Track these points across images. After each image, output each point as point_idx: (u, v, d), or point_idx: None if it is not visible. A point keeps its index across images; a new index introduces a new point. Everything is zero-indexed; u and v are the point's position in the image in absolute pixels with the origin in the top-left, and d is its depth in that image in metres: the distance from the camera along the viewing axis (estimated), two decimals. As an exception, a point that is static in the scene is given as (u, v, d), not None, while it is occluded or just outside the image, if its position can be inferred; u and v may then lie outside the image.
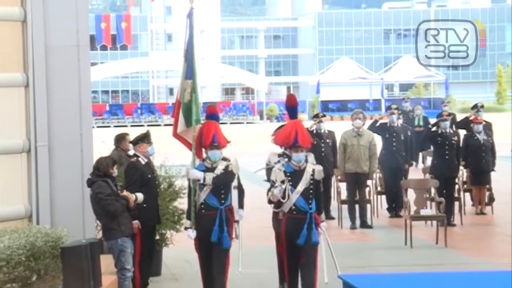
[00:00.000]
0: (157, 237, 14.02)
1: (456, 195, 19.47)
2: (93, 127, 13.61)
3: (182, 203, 14.65)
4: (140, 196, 12.20)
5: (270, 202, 12.09)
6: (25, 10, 12.37)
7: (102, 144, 14.78)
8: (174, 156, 15.80)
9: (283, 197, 11.49)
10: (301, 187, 11.48)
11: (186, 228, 12.09)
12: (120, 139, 14.07)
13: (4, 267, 10.77)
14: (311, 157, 12.85)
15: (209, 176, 11.65)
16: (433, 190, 17.89)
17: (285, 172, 11.60)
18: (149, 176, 13.04)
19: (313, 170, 11.63)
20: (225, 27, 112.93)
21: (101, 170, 12.08)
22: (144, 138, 13.24)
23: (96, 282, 11.02)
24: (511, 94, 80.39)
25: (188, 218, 11.99)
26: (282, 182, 11.48)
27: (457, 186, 19.68)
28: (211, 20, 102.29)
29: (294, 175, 11.54)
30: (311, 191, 11.56)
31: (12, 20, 12.33)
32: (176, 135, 12.55)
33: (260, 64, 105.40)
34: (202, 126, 12.04)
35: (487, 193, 20.59)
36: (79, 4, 12.70)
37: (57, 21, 12.48)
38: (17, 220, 12.15)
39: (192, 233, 11.84)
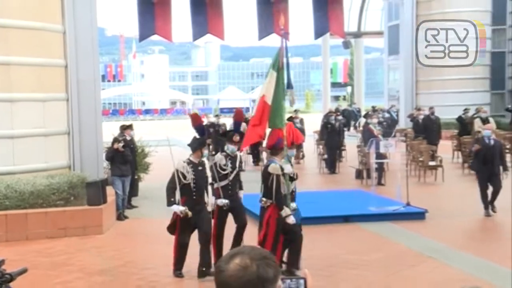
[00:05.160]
0: (136, 176, 13.84)
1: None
2: (102, 121, 13.31)
3: (148, 159, 14.52)
4: (120, 144, 11.84)
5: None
6: (66, 62, 12.05)
7: (108, 130, 14.42)
8: (145, 136, 15.59)
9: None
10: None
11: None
12: (123, 128, 13.57)
13: (56, 192, 10.57)
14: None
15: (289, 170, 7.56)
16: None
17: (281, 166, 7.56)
18: (132, 146, 12.90)
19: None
20: (171, 70, 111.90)
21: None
22: (129, 127, 13.23)
23: (104, 200, 10.86)
24: (313, 105, 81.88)
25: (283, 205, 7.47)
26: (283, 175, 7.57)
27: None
28: (163, 67, 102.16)
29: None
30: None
31: (59, 67, 11.99)
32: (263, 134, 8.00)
33: (189, 89, 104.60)
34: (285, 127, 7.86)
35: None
36: (94, 60, 12.42)
37: (83, 67, 12.17)
38: (62, 169, 11.86)
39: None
